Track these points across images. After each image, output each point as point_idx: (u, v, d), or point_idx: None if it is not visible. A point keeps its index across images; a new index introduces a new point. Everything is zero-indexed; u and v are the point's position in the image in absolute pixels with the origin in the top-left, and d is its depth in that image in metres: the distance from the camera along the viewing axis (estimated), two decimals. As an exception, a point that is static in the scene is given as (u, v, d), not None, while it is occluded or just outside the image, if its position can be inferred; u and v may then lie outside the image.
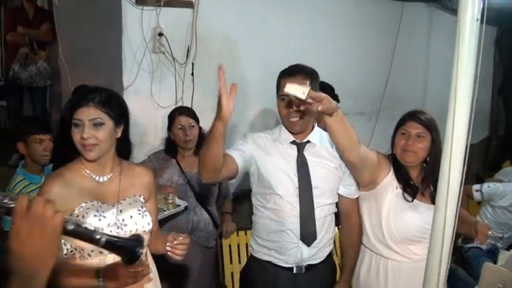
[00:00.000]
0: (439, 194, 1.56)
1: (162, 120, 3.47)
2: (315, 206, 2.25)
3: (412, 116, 2.35)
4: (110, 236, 1.13)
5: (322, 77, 3.53)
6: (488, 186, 3.85)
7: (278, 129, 2.35)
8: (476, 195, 3.85)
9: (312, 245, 2.26)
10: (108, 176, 1.87)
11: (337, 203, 2.40)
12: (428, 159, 2.33)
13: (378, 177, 2.35)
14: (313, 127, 2.34)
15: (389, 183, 2.34)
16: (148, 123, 3.57)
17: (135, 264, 1.48)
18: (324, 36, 4.35)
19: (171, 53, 3.53)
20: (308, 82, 2.16)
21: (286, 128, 2.29)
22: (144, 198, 1.94)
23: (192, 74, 3.62)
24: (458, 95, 1.48)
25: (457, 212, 1.54)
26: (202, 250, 3.08)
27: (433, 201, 2.12)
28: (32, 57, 4.86)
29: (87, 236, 1.09)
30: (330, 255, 2.42)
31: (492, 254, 3.64)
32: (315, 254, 2.29)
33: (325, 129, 2.21)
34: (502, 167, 5.38)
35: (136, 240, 1.20)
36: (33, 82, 4.92)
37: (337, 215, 2.44)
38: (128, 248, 1.18)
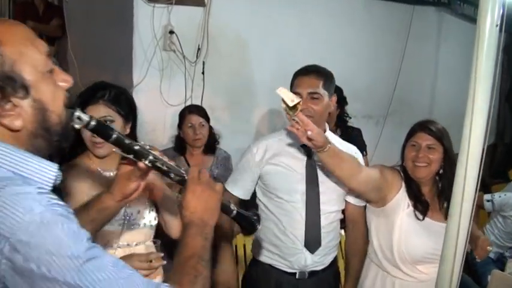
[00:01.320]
0: (453, 202, 1.56)
1: (171, 118, 3.47)
2: (320, 213, 2.22)
3: (422, 126, 2.24)
4: (239, 209, 1.39)
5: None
6: (499, 196, 3.81)
7: (285, 131, 2.29)
8: (487, 206, 3.81)
9: (316, 252, 2.23)
10: (116, 171, 1.87)
11: (343, 210, 2.36)
12: (441, 171, 2.21)
13: (387, 194, 2.22)
14: (325, 131, 2.26)
15: (400, 201, 2.22)
16: (157, 121, 3.57)
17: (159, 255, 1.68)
18: (333, 38, 4.34)
19: (182, 51, 3.53)
20: (321, 82, 2.14)
21: None
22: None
23: (203, 73, 3.62)
24: (476, 102, 1.47)
25: (471, 220, 1.53)
26: None
27: (445, 218, 2.03)
28: None
29: (225, 206, 1.35)
30: (334, 261, 2.38)
31: (500, 263, 3.62)
32: (318, 260, 2.25)
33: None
34: (508, 173, 5.36)
35: (257, 216, 1.46)
36: None
37: (342, 220, 2.40)
38: (251, 222, 1.43)
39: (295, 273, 2.25)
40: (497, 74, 1.49)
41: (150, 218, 1.87)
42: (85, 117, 1.10)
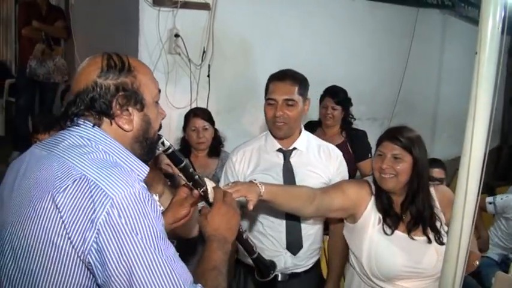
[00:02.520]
0: (456, 204, 1.57)
1: (176, 121, 3.50)
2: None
3: (389, 135, 2.08)
4: (260, 253, 1.56)
5: (336, 81, 3.59)
6: (501, 199, 3.82)
7: (264, 137, 2.33)
8: (490, 208, 3.81)
9: (298, 254, 2.24)
10: (157, 196, 1.90)
11: None
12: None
13: (355, 212, 2.09)
14: (300, 131, 2.29)
15: (368, 218, 2.07)
16: (163, 124, 3.56)
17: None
18: (338, 40, 4.37)
19: (187, 54, 3.56)
20: (296, 88, 2.17)
21: (271, 133, 2.27)
22: (158, 195, 1.97)
23: (208, 76, 3.64)
24: (478, 105, 1.48)
25: (473, 222, 1.54)
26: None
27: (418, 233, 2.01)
28: (48, 53, 4.91)
29: (249, 245, 1.57)
30: (316, 264, 2.38)
31: (504, 265, 3.62)
32: (299, 263, 2.26)
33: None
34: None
35: (273, 264, 1.61)
36: (50, 78, 4.97)
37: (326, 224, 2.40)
38: (268, 267, 1.59)
39: (277, 275, 2.22)
40: (499, 76, 1.50)
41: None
42: (167, 143, 1.36)
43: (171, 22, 3.49)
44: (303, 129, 2.33)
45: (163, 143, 1.34)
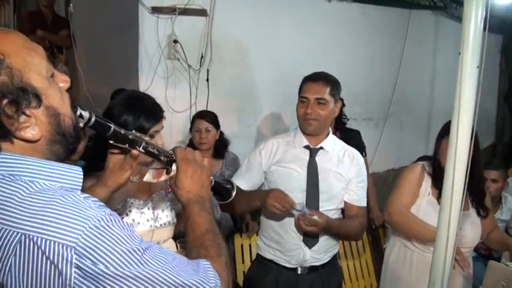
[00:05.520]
0: (444, 196, 1.67)
1: (176, 124, 3.59)
2: (320, 210, 2.30)
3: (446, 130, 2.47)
4: (215, 179, 1.47)
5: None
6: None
7: (293, 132, 2.44)
8: None
9: (314, 248, 2.33)
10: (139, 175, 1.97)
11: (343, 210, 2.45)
12: None
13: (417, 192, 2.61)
14: (327, 134, 2.41)
15: (421, 191, 2.59)
16: (164, 127, 3.67)
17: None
18: (332, 43, 4.46)
19: (186, 59, 3.65)
20: (328, 89, 2.27)
21: (301, 129, 2.37)
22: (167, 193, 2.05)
23: (207, 80, 3.74)
24: (462, 102, 1.58)
25: (460, 211, 1.64)
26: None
27: (466, 207, 2.47)
28: (52, 61, 4.97)
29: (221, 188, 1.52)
30: (334, 258, 2.48)
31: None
32: (317, 256, 2.35)
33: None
34: (508, 174, 5.43)
35: (231, 184, 1.56)
36: None
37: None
38: (228, 189, 1.54)
39: (296, 268, 2.36)
40: (481, 74, 1.60)
41: (172, 215, 1.99)
42: (86, 114, 1.10)
43: (170, 28, 3.58)
44: (330, 131, 2.44)
45: (81, 116, 1.08)
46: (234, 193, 1.54)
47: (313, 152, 2.36)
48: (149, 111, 1.79)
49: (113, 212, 0.92)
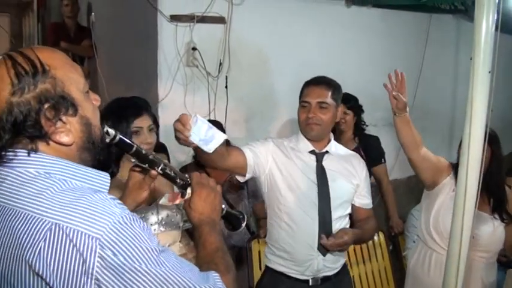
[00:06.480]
0: (457, 199, 1.65)
1: (195, 130, 3.61)
2: (333, 218, 2.27)
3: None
4: (228, 209, 1.54)
5: (352, 88, 3.66)
6: None
7: (295, 138, 2.38)
8: None
9: (326, 257, 2.27)
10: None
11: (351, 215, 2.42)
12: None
13: (437, 179, 2.57)
14: (329, 140, 2.37)
15: (445, 186, 2.57)
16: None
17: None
18: (351, 48, 4.43)
19: (204, 66, 3.68)
20: (330, 93, 2.25)
21: (303, 134, 2.32)
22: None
23: (226, 87, 3.77)
24: (474, 108, 1.57)
25: (474, 216, 1.62)
26: (237, 251, 3.19)
27: (491, 211, 2.59)
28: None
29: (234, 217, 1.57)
30: (344, 266, 2.44)
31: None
32: (329, 266, 2.30)
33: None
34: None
35: (242, 214, 1.60)
36: None
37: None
38: (238, 219, 1.58)
39: (308, 280, 2.29)
40: (494, 78, 1.58)
41: (178, 220, 2.00)
42: (112, 132, 1.21)
43: (188, 36, 3.62)
44: (332, 137, 2.40)
45: (107, 133, 1.19)
46: (244, 224, 1.58)
47: (319, 156, 2.31)
48: (126, 108, 1.85)
49: (134, 213, 1.00)
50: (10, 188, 0.98)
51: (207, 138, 1.50)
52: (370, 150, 3.60)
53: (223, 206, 1.47)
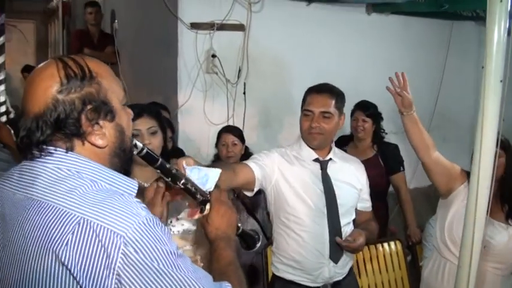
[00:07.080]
0: (469, 207, 1.64)
1: (214, 136, 3.64)
2: (342, 226, 2.25)
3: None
4: (245, 228, 1.55)
5: (372, 95, 3.65)
6: None
7: (297, 145, 2.33)
8: None
9: (338, 263, 2.26)
10: (151, 181, 2.02)
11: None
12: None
13: (452, 186, 2.50)
14: (331, 148, 2.33)
15: (460, 193, 2.48)
16: (202, 139, 3.77)
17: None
18: (372, 56, 4.43)
19: (224, 73, 3.74)
20: (333, 102, 2.21)
21: (306, 143, 2.28)
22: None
23: (244, 93, 3.81)
24: (485, 117, 1.56)
25: (485, 225, 1.61)
26: (253, 255, 3.20)
27: (506, 219, 2.48)
28: None
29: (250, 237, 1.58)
30: (351, 268, 2.42)
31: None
32: (339, 271, 2.29)
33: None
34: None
35: (258, 235, 1.60)
36: None
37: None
38: (254, 239, 1.58)
39: (319, 287, 2.27)
40: (506, 82, 1.57)
41: (188, 224, 2.02)
42: (140, 145, 1.25)
43: (208, 43, 3.69)
44: (333, 145, 2.38)
45: (135, 145, 1.24)
46: (259, 244, 1.60)
47: (323, 164, 2.28)
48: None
49: (157, 217, 1.06)
50: (46, 184, 1.03)
51: (203, 181, 1.53)
52: (388, 158, 3.58)
53: (239, 225, 1.50)
